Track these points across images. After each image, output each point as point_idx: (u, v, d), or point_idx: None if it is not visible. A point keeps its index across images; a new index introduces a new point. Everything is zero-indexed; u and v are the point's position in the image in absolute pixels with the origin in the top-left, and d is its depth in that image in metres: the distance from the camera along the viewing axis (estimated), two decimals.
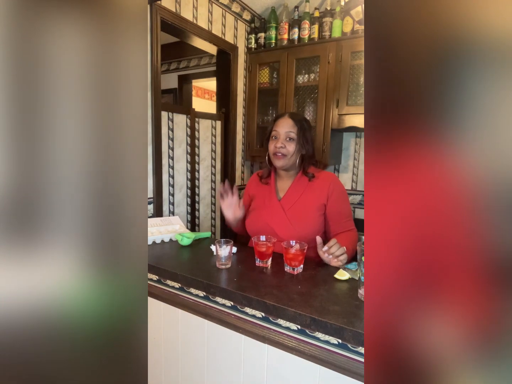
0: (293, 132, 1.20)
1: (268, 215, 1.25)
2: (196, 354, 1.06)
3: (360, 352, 0.74)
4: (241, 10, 2.23)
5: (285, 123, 1.22)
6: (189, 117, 1.99)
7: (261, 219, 1.26)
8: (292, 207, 1.22)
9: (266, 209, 1.27)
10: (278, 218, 1.22)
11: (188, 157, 2.02)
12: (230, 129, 2.28)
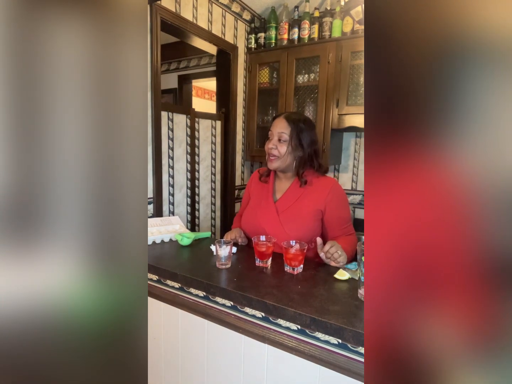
0: (285, 133, 1.17)
1: (262, 215, 1.24)
2: (196, 354, 1.06)
3: (360, 352, 0.74)
4: (241, 10, 2.23)
5: (278, 123, 1.20)
6: (189, 117, 1.99)
7: (255, 218, 1.26)
8: (286, 210, 1.21)
9: (261, 209, 1.26)
10: (271, 219, 1.21)
11: (188, 157, 2.02)
12: (230, 129, 2.28)
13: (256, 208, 1.29)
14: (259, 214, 1.26)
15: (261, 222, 1.23)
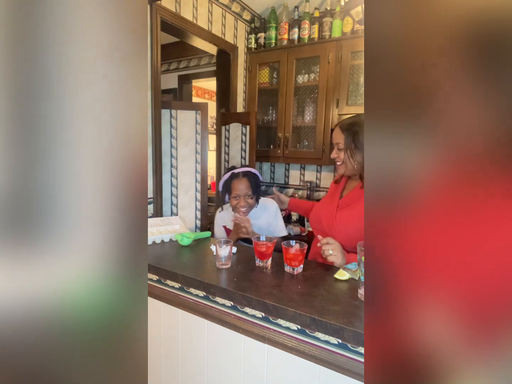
0: (340, 142, 1.21)
1: (325, 209, 1.28)
2: (196, 354, 1.05)
3: (360, 352, 0.74)
4: (241, 10, 2.23)
5: (334, 133, 1.24)
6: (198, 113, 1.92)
7: (320, 210, 1.31)
8: (345, 208, 1.22)
9: (326, 204, 1.31)
10: (329, 213, 1.24)
11: (197, 157, 1.86)
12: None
13: (323, 202, 1.35)
14: (323, 207, 1.31)
15: (321, 214, 1.27)
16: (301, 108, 2.25)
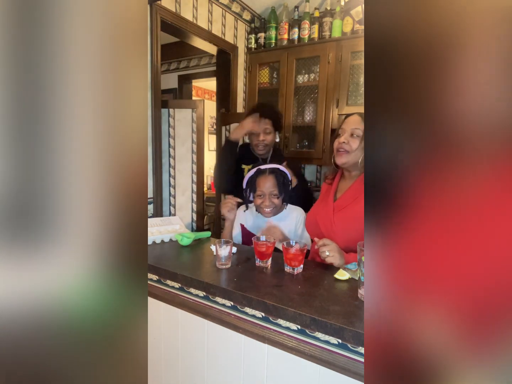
0: (359, 128, 1.12)
1: (320, 214, 1.24)
2: (196, 354, 1.05)
3: (360, 352, 0.74)
4: (241, 10, 2.23)
5: (352, 119, 1.16)
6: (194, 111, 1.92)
7: (314, 215, 1.27)
8: (342, 210, 1.18)
9: (321, 207, 1.26)
10: (326, 218, 1.19)
11: (193, 157, 1.88)
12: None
13: (318, 207, 1.30)
14: (319, 211, 1.25)
15: (318, 220, 1.22)
16: (301, 108, 2.25)
